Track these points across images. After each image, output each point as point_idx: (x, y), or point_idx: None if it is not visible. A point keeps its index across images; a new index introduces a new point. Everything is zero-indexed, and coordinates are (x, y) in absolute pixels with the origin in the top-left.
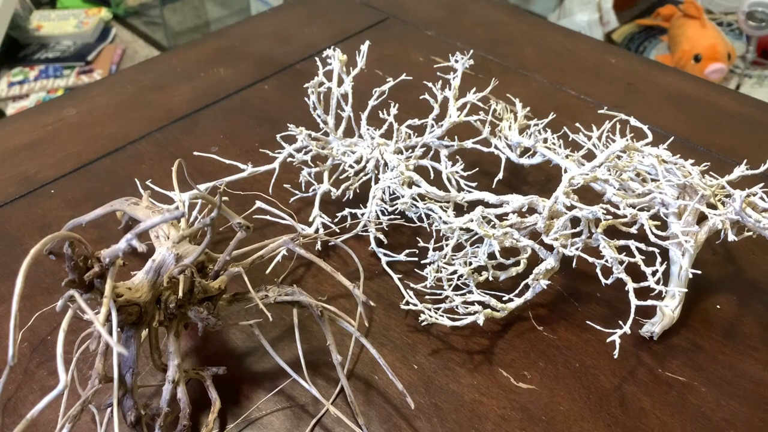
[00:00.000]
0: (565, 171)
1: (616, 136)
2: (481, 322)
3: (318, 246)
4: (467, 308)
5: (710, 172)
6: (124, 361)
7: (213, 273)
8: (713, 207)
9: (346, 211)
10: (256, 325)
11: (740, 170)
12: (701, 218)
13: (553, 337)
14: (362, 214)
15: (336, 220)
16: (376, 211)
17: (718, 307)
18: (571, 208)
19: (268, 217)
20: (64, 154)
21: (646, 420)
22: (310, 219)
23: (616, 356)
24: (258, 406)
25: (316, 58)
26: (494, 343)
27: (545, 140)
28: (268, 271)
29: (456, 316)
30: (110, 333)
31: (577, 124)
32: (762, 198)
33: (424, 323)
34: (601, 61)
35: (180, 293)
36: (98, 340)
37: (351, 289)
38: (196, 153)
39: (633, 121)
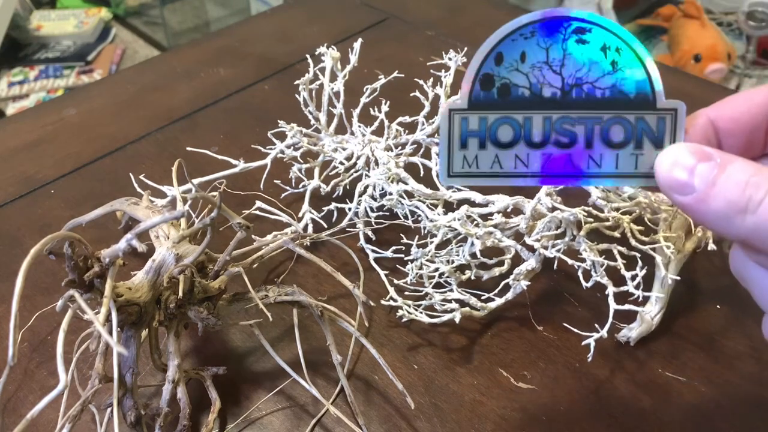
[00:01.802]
0: None
1: None
2: (457, 320)
3: (307, 242)
4: (444, 306)
5: None
6: (124, 361)
7: (213, 273)
8: None
9: (333, 206)
10: (256, 325)
11: None
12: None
13: (553, 337)
14: (349, 209)
15: (323, 214)
16: (365, 208)
17: (718, 307)
18: (553, 209)
19: (258, 212)
20: (64, 154)
21: (646, 420)
22: (300, 214)
23: (590, 359)
24: (258, 406)
25: (307, 56)
26: (494, 343)
27: None
28: (268, 272)
29: (434, 314)
30: (110, 333)
31: None
32: None
33: (404, 319)
34: None
35: (180, 293)
36: (98, 340)
37: (351, 289)
38: (189, 149)
39: None
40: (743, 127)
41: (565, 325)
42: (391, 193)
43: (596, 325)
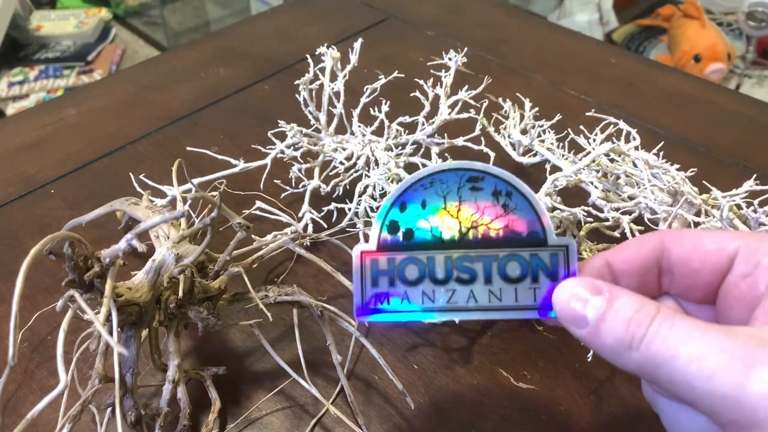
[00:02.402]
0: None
1: (601, 136)
2: (457, 320)
3: (307, 242)
4: None
5: (705, 180)
6: (124, 361)
7: (213, 273)
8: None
9: (333, 206)
10: (256, 325)
11: (749, 184)
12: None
13: (553, 337)
14: (349, 209)
15: (323, 214)
16: (365, 208)
17: None
18: (553, 209)
19: (258, 212)
20: (64, 154)
21: (646, 420)
22: (300, 214)
23: (590, 359)
24: (258, 406)
25: (307, 55)
26: (494, 343)
27: (542, 140)
28: (268, 272)
29: None
30: (110, 333)
31: (582, 127)
32: (754, 210)
33: None
34: (601, 61)
35: (180, 293)
36: (98, 340)
37: (351, 289)
38: (189, 149)
39: (622, 124)
40: (637, 269)
41: None
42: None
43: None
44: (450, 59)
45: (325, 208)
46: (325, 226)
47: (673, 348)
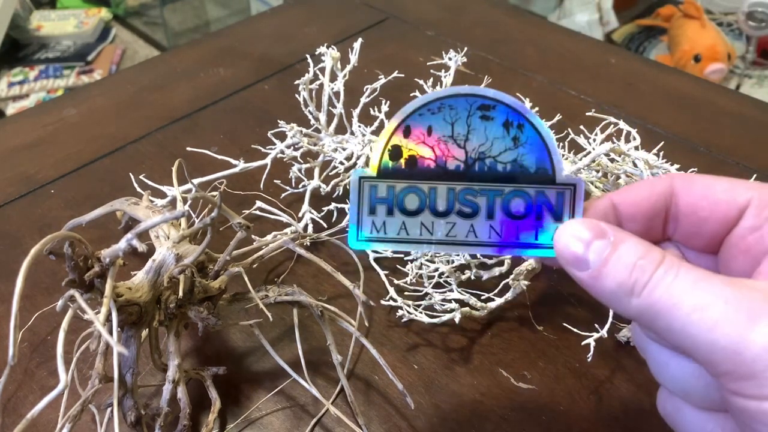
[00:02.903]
0: None
1: (601, 136)
2: (457, 320)
3: (307, 242)
4: (444, 305)
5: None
6: (124, 361)
7: (213, 273)
8: None
9: (333, 206)
10: (256, 325)
11: None
12: None
13: (553, 337)
14: (349, 209)
15: (323, 214)
16: None
17: None
18: None
19: (258, 212)
20: (64, 154)
21: (647, 420)
22: (300, 214)
23: (590, 359)
24: (258, 406)
25: (307, 55)
26: (494, 343)
27: None
28: (268, 272)
29: (434, 314)
30: (110, 333)
31: (582, 127)
32: None
33: (404, 319)
34: (601, 61)
35: (180, 293)
36: (98, 340)
37: (351, 289)
38: (189, 149)
39: (622, 124)
40: (644, 213)
41: (565, 325)
42: None
43: (596, 325)
44: (450, 59)
45: (325, 208)
46: (325, 226)
47: (676, 296)
